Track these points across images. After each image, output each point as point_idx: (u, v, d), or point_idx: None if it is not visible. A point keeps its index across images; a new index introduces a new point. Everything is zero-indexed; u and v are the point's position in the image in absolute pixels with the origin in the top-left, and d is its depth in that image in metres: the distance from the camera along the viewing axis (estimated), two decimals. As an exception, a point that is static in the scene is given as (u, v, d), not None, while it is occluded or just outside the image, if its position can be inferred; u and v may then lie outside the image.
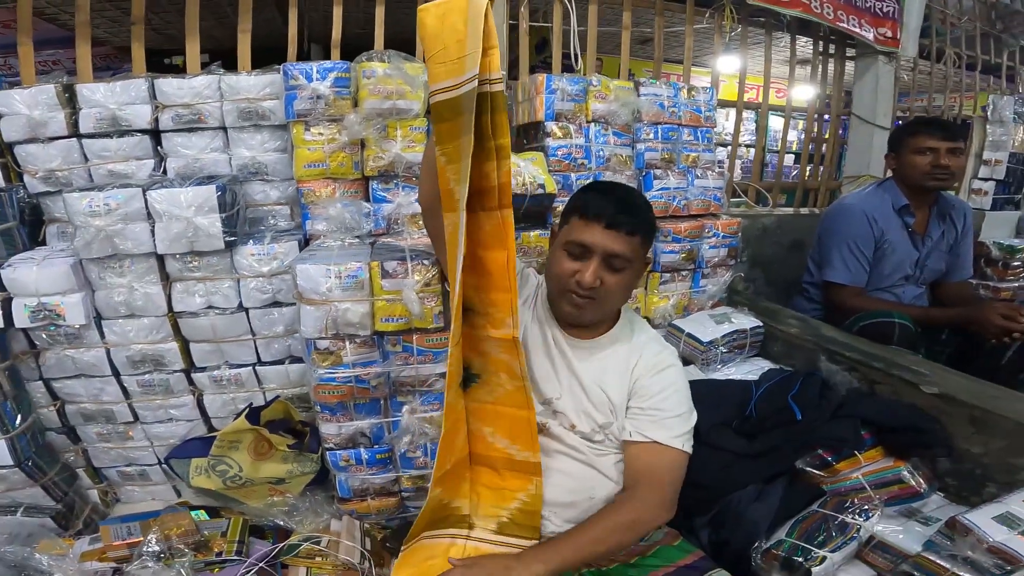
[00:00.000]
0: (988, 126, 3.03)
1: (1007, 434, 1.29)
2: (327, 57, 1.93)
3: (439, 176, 1.04)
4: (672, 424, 1.15)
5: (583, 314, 1.15)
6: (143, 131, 1.56)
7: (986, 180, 2.97)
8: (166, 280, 1.51)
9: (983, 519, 1.12)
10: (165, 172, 1.59)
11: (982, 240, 2.77)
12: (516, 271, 1.09)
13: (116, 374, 1.56)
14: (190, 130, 1.58)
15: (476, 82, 0.92)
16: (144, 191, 1.40)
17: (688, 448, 1.16)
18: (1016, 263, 2.72)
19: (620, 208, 1.11)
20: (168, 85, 1.53)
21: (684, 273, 1.91)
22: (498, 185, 1.03)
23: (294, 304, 1.51)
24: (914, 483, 1.34)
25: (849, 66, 3.06)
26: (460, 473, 1.20)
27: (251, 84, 1.54)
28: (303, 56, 2.28)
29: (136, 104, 1.54)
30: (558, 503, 1.16)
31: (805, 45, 3.02)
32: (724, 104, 2.64)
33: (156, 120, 1.55)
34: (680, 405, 1.18)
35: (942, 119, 2.69)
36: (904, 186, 2.00)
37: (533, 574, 0.99)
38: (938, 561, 1.12)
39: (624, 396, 1.19)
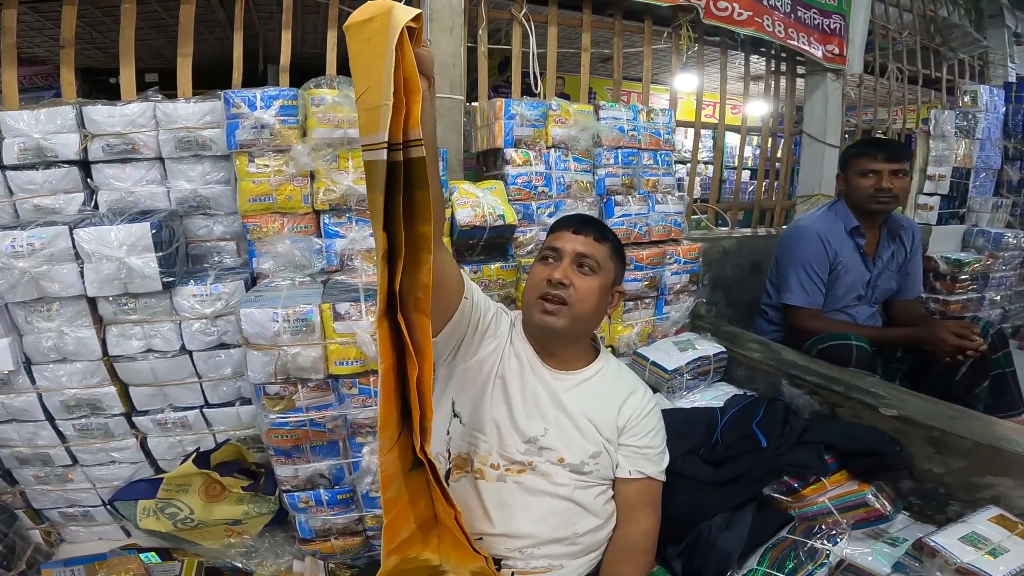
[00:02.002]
0: (931, 141, 3.14)
1: (965, 453, 1.31)
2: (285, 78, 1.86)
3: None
4: (659, 459, 1.26)
5: (554, 319, 1.17)
6: (71, 162, 1.45)
7: (931, 195, 3.08)
8: (99, 323, 1.42)
9: (949, 540, 1.14)
10: (96, 206, 1.49)
11: (930, 255, 2.86)
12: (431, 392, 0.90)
13: (50, 419, 1.48)
14: (123, 161, 1.47)
15: (385, 151, 0.69)
16: (71, 229, 1.30)
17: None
18: (964, 276, 2.83)
19: (587, 219, 1.27)
20: (97, 113, 1.42)
21: (647, 300, 1.90)
22: (402, 292, 0.81)
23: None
24: (879, 506, 1.35)
25: (800, 83, 3.13)
26: (427, 532, 1.14)
27: (190, 112, 1.45)
28: (259, 78, 2.19)
29: (63, 133, 1.43)
30: (545, 540, 1.15)
31: (758, 63, 3.08)
32: (681, 124, 2.65)
33: (85, 150, 1.44)
34: (664, 441, 1.30)
35: (886, 140, 2.76)
36: (853, 207, 2.03)
37: None
38: (908, 583, 1.14)
39: (613, 430, 1.23)
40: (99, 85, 4.59)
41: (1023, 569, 1.08)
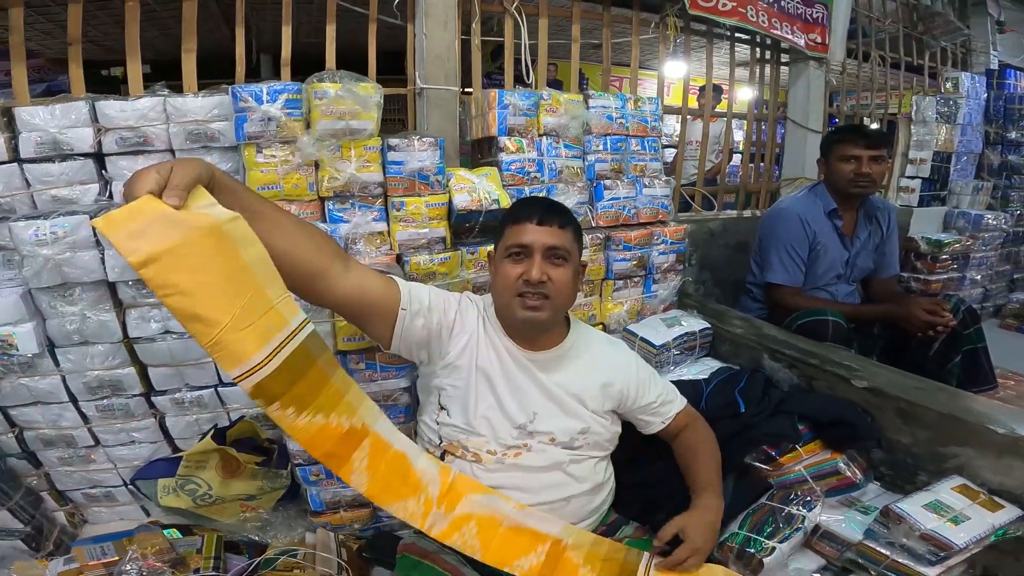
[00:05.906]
0: (912, 126, 3.23)
1: (931, 424, 1.38)
2: (276, 69, 1.91)
3: (314, 441, 0.98)
4: (672, 395, 1.41)
5: (539, 314, 1.17)
6: (86, 155, 1.50)
7: (913, 178, 3.17)
8: (119, 307, 1.48)
9: (914, 507, 1.21)
10: (111, 196, 1.54)
11: (911, 236, 2.96)
12: None
13: (73, 400, 1.53)
14: (136, 152, 1.52)
15: (311, 325, 0.93)
16: (91, 218, 1.37)
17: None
18: (944, 256, 2.92)
19: (546, 207, 1.23)
20: (110, 108, 1.48)
21: (636, 279, 1.98)
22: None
23: (254, 326, 1.49)
24: (850, 474, 1.43)
25: (784, 71, 3.19)
26: None
27: (199, 106, 1.50)
28: (252, 68, 2.24)
29: (77, 127, 1.48)
30: (543, 506, 1.21)
31: (743, 51, 3.14)
32: (670, 110, 2.72)
33: (99, 143, 1.50)
34: (661, 380, 1.42)
35: (865, 127, 2.83)
36: (832, 190, 2.12)
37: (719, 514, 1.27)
38: (878, 548, 1.23)
39: (600, 402, 1.27)
40: (93, 77, 4.60)
41: (983, 536, 1.16)
